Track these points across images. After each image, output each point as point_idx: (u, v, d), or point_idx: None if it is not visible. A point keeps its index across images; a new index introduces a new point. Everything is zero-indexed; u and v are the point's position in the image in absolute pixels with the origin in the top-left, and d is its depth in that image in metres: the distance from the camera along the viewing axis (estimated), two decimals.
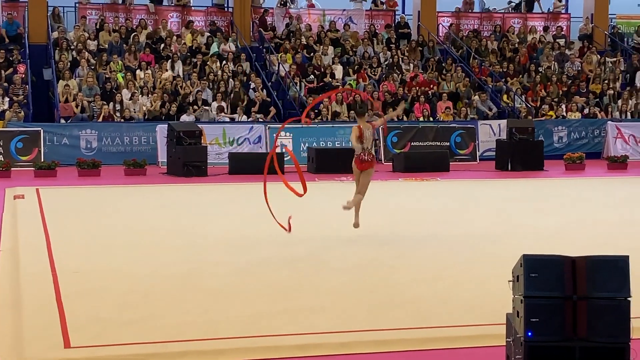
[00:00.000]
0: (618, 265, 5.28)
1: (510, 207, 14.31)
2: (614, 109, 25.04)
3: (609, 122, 23.80)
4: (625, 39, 30.12)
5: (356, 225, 11.09)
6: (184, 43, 25.36)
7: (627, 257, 5.33)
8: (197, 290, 8.08)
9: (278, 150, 21.15)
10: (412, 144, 21.98)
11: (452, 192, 16.54)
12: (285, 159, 19.65)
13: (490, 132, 23.03)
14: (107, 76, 23.23)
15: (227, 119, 22.38)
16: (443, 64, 26.35)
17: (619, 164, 20.86)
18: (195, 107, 22.48)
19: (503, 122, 22.57)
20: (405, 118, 23.41)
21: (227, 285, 8.25)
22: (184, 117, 21.91)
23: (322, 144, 21.64)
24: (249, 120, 22.50)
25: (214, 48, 25.50)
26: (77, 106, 21.89)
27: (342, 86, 24.27)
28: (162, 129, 20.59)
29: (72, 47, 24.41)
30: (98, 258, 9.61)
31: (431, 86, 24.89)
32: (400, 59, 26.27)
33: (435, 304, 7.58)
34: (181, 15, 27.24)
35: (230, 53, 25.19)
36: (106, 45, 24.83)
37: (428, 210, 13.74)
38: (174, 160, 19.09)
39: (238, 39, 26.58)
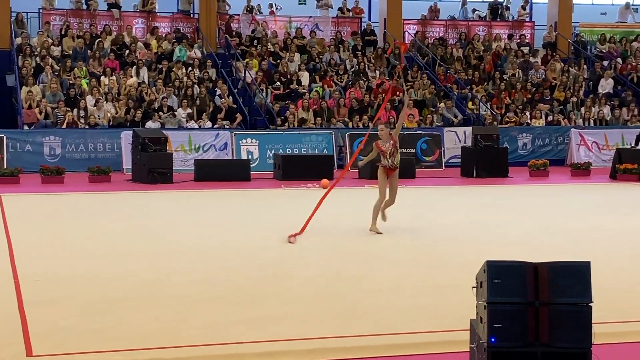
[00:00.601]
0: (580, 271, 5.33)
1: (475, 213, 14.39)
2: (577, 116, 25.29)
3: (573, 129, 24.05)
4: (588, 47, 30.45)
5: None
6: (151, 49, 25.28)
7: (589, 263, 5.37)
8: (161, 298, 8.03)
9: (244, 157, 21.13)
10: None
11: (418, 198, 16.59)
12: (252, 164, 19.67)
13: (455, 139, 23.17)
14: (71, 82, 23.07)
15: (196, 126, 22.29)
16: (409, 71, 26.47)
17: (582, 171, 21.06)
18: (161, 113, 22.39)
19: (468, 129, 22.71)
20: (370, 124, 23.46)
21: (192, 293, 8.20)
22: (149, 124, 21.79)
23: (288, 151, 21.63)
24: (214, 127, 22.44)
25: (179, 54, 25.43)
26: (40, 112, 21.70)
27: (308, 93, 24.26)
28: (127, 136, 20.47)
29: (36, 53, 24.21)
30: (61, 266, 9.52)
31: (397, 93, 24.98)
32: (366, 66, 26.36)
33: (399, 310, 7.60)
34: (146, 22, 27.12)
35: (196, 59, 25.12)
36: (70, 51, 24.65)
37: (393, 217, 13.75)
38: (139, 167, 18.98)
39: (204, 45, 26.53)
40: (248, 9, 28.42)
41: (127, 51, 25.11)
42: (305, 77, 25.37)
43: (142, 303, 7.81)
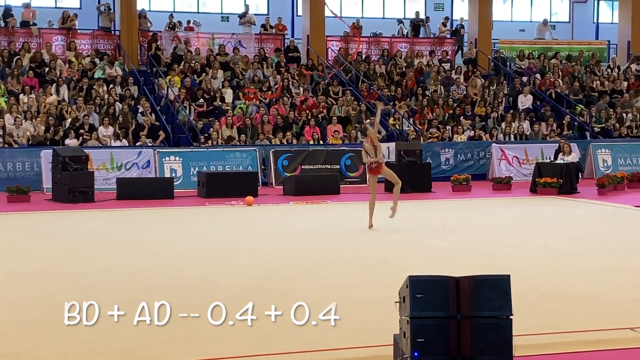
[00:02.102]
0: (500, 285, 5.40)
1: (398, 228, 14.46)
2: (498, 131, 25.71)
3: (494, 144, 24.42)
4: (508, 63, 31.05)
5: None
6: (72, 66, 24.94)
7: (509, 276, 5.44)
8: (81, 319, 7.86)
9: (168, 174, 20.92)
10: (302, 167, 22.09)
11: (343, 214, 16.64)
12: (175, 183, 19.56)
13: None
14: None
15: (119, 143, 21.99)
16: (329, 87, 26.56)
17: (503, 185, 21.39)
18: (82, 130, 22.03)
19: (392, 145, 22.86)
20: (295, 141, 23.51)
21: (113, 315, 8.04)
22: (69, 142, 21.41)
23: (213, 168, 21.49)
24: (137, 144, 22.17)
25: (99, 72, 25.12)
26: None
27: (232, 110, 24.19)
28: (46, 155, 20.07)
29: None
30: None
31: (321, 109, 25.08)
32: (290, 82, 26.41)
33: (325, 326, 7.56)
34: (66, 39, 26.73)
35: (118, 77, 24.84)
36: None
37: (319, 234, 13.79)
38: (60, 186, 18.63)
39: (125, 62, 26.25)
40: (170, 25, 28.24)
41: (46, 69, 24.71)
42: (228, 94, 25.29)
43: (61, 325, 7.62)
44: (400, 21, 31.95)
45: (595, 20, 37.66)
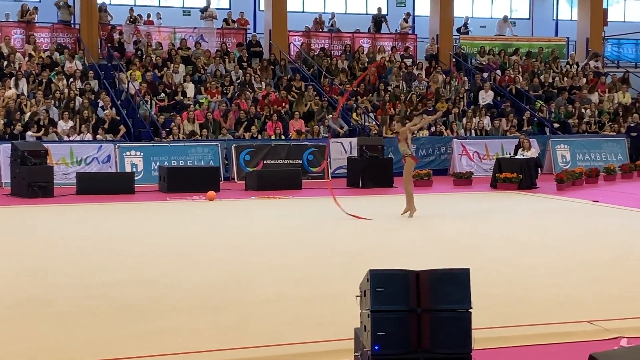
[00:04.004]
0: (459, 278, 5.43)
1: (360, 223, 14.51)
2: (459, 127, 25.87)
3: (455, 139, 24.56)
4: (469, 59, 31.24)
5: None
6: (32, 59, 24.67)
7: (468, 269, 5.49)
8: (44, 314, 7.81)
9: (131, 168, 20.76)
10: (265, 162, 22.05)
11: (305, 210, 16.66)
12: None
13: (341, 150, 23.36)
14: None
15: (77, 138, 21.79)
16: (292, 82, 26.55)
17: (464, 180, 21.54)
18: (41, 125, 21.80)
19: (354, 140, 22.93)
20: (261, 136, 23.47)
21: (78, 309, 8.00)
22: (29, 136, 21.19)
23: (174, 163, 21.39)
24: (97, 139, 21.99)
25: (59, 66, 24.89)
26: None
27: (193, 105, 24.09)
28: (5, 149, 19.86)
29: None
30: None
31: (283, 104, 25.06)
32: (252, 77, 26.35)
33: (286, 321, 7.60)
34: (25, 32, 26.43)
35: (77, 71, 24.62)
36: None
37: (280, 229, 13.79)
38: (19, 181, 18.45)
39: (85, 56, 26.02)
40: (131, 19, 28.04)
41: (5, 62, 24.42)
42: (190, 89, 25.18)
43: (24, 320, 7.57)
44: (332, 15, 31.86)
45: (554, 17, 38.04)
